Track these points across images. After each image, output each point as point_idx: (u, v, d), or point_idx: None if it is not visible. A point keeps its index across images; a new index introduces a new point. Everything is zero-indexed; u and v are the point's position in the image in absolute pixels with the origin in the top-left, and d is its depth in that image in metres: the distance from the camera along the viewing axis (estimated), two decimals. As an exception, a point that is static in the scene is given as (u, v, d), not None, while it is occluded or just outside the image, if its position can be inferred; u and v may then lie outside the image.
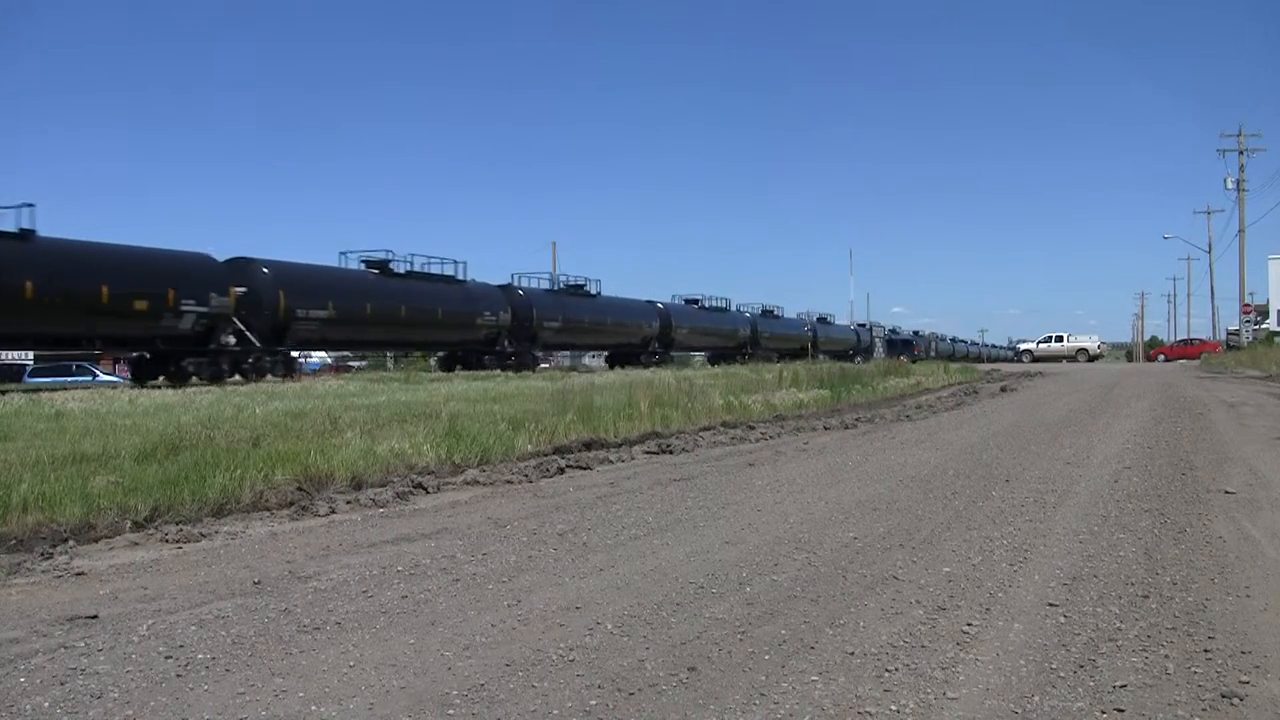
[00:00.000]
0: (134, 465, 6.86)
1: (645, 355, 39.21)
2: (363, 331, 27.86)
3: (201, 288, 21.79)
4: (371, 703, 2.87)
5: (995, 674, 3.05)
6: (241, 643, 3.44)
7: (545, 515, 5.94)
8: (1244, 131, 49.62)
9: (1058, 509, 5.94)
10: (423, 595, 4.06)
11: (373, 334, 28.64)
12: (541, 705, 2.83)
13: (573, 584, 4.22)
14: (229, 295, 22.21)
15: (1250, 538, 5.03)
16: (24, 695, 2.95)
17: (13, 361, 36.26)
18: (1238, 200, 49.26)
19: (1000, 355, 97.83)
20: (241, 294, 22.67)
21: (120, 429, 9.26)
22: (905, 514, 5.80)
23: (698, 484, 7.24)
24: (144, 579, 4.42)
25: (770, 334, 49.93)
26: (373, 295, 27.19)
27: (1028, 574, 4.30)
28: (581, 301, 36.74)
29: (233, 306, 22.35)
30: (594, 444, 9.64)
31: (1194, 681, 2.97)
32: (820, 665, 3.14)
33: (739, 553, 4.78)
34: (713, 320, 45.77)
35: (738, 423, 12.41)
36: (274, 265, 24.32)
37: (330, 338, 27.39)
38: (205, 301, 21.73)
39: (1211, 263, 67.19)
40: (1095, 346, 61.35)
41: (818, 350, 52.93)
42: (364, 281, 27.76)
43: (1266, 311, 56.32)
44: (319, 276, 26.07)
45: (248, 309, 22.96)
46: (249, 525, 5.70)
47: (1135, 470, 7.66)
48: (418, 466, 7.67)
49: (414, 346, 36.61)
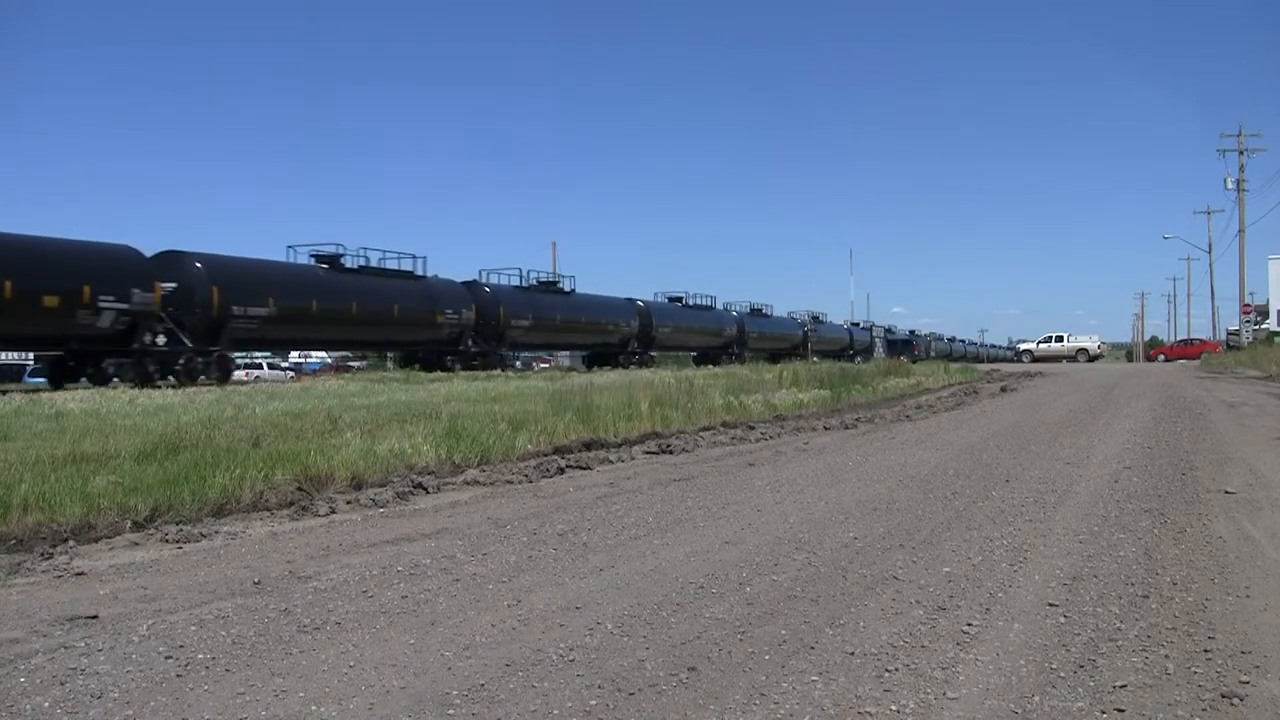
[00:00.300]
0: (134, 465, 6.86)
1: (624, 355, 37.58)
2: (309, 330, 26.23)
3: (123, 283, 20.14)
4: (371, 703, 2.87)
5: (995, 674, 3.05)
6: (241, 643, 3.44)
7: (545, 515, 5.94)
8: (1244, 131, 49.64)
9: (1058, 509, 5.94)
10: (423, 595, 4.06)
11: (320, 333, 27.15)
12: (542, 705, 2.83)
13: (573, 584, 4.22)
14: (154, 291, 20.72)
15: (1250, 538, 5.03)
16: (24, 695, 2.95)
17: (13, 362, 36.26)
18: (1238, 200, 49.27)
19: (1000, 355, 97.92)
20: (171, 290, 21.32)
21: (120, 429, 9.26)
22: (905, 514, 5.80)
23: (698, 484, 7.24)
24: (144, 579, 4.42)
25: (759, 333, 48.75)
26: (320, 292, 25.52)
27: (1028, 574, 4.30)
28: (554, 299, 35.07)
29: (159, 303, 20.93)
30: (594, 444, 9.65)
31: (1194, 681, 2.97)
32: (820, 665, 3.14)
33: (739, 553, 4.78)
34: (697, 319, 44.26)
35: (738, 423, 12.42)
36: (209, 259, 22.93)
37: (271, 337, 25.70)
38: (127, 298, 20.07)
39: (1211, 263, 67.30)
40: (1095, 346, 61.29)
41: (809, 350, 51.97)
42: (311, 277, 25.97)
43: (1266, 311, 56.28)
44: (259, 271, 24.37)
45: (178, 306, 21.56)
46: (249, 525, 5.70)
47: (1135, 470, 7.66)
48: (418, 466, 7.67)
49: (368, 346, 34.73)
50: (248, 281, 23.42)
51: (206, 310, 22.13)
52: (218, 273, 22.72)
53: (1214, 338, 63.02)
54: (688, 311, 44.30)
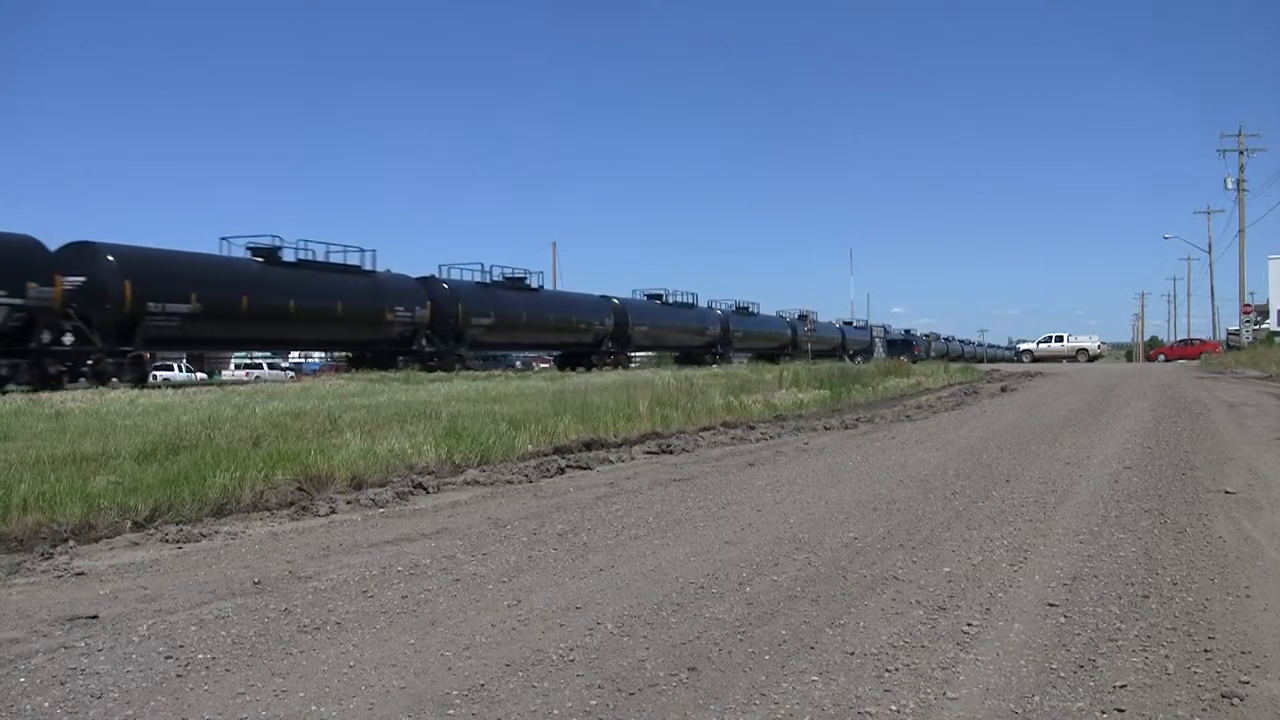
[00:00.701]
0: (134, 465, 6.86)
1: (598, 356, 35.95)
2: (239, 329, 24.39)
3: (17, 276, 18.45)
4: (371, 703, 2.87)
5: (995, 674, 3.05)
6: (241, 643, 3.44)
7: (545, 515, 5.94)
8: (1244, 131, 49.67)
9: (1058, 509, 5.94)
10: (423, 595, 4.06)
11: (252, 331, 25.15)
12: (542, 705, 2.83)
13: (573, 584, 4.22)
14: (55, 285, 19.07)
15: (1250, 538, 5.03)
16: (24, 695, 2.95)
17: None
18: (1238, 200, 49.29)
19: (1000, 355, 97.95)
20: (79, 285, 19.59)
21: (120, 429, 9.26)
22: (905, 514, 5.80)
23: (698, 484, 7.24)
24: (144, 579, 4.42)
25: (745, 332, 47.25)
26: (252, 287, 23.57)
27: (1028, 574, 4.30)
28: (520, 296, 33.14)
29: (59, 299, 19.25)
30: (594, 444, 9.65)
31: (1194, 681, 2.97)
32: (820, 665, 3.14)
33: (739, 553, 4.78)
34: (677, 317, 42.60)
35: (738, 423, 12.42)
36: (122, 251, 21.09)
37: (196, 336, 23.91)
38: (21, 292, 18.40)
39: (1211, 263, 67.35)
40: (1095, 346, 61.30)
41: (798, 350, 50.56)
42: (242, 271, 24.02)
43: (1266, 311, 56.28)
44: (180, 264, 22.41)
45: (86, 302, 19.80)
46: (249, 525, 5.70)
47: (1135, 470, 7.66)
48: (418, 466, 7.67)
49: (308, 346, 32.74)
50: (166, 275, 21.73)
51: (118, 306, 20.42)
52: (131, 266, 20.96)
53: (1214, 338, 63.04)
54: (668, 309, 42.54)
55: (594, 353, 36.30)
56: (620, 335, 38.06)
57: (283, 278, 24.90)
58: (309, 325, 25.90)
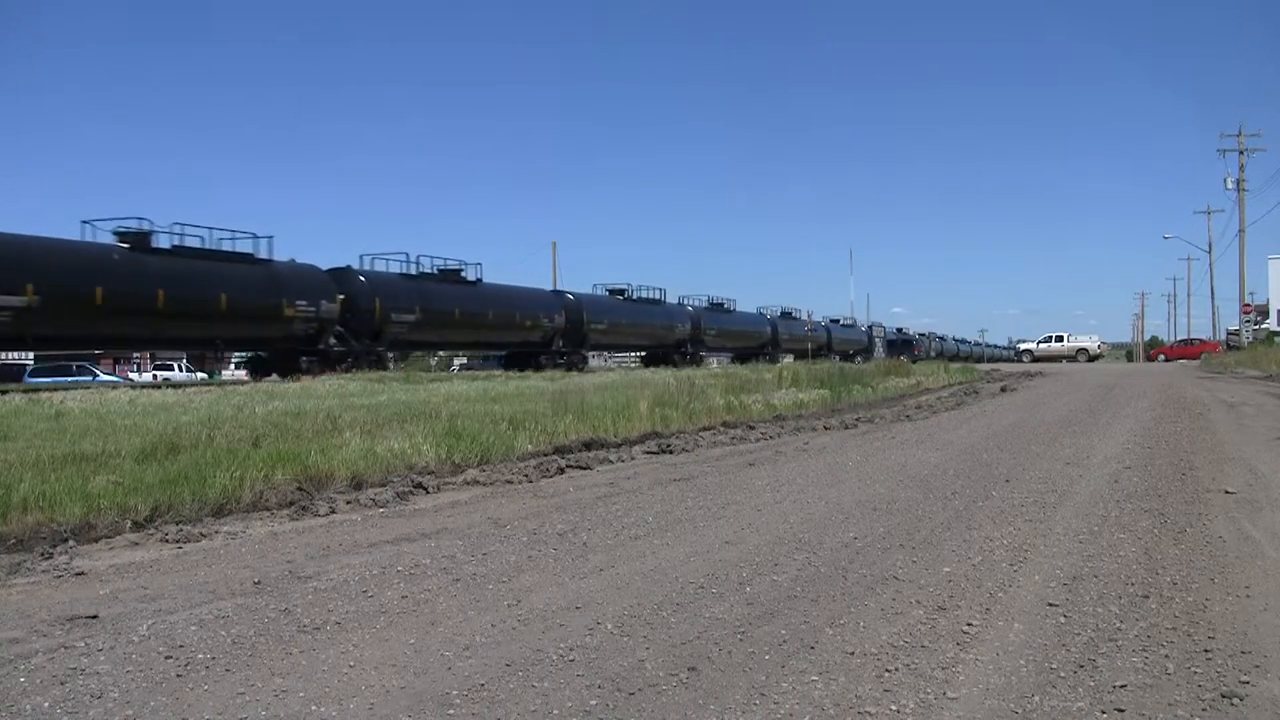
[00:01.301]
0: (134, 465, 6.86)
1: (547, 356, 32.85)
2: (93, 326, 20.66)
3: None
4: (371, 703, 2.87)
5: (995, 674, 3.05)
6: (241, 643, 3.44)
7: (545, 515, 5.94)
8: (1244, 131, 49.64)
9: (1058, 509, 5.94)
10: (423, 595, 4.06)
11: (110, 328, 21.29)
12: (542, 705, 2.83)
13: (573, 584, 4.22)
14: None
15: (1250, 538, 5.03)
16: (24, 695, 2.95)
17: (13, 361, 36.26)
18: (1238, 200, 49.29)
19: (1000, 355, 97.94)
20: None
21: (120, 429, 9.26)
22: (905, 514, 5.80)
23: (698, 484, 7.24)
24: (144, 579, 4.42)
25: (718, 330, 43.92)
26: (111, 277, 20.25)
27: (1028, 574, 4.30)
28: (453, 289, 29.57)
29: None
30: (594, 444, 9.64)
31: (1194, 681, 2.97)
32: (820, 665, 3.14)
33: (739, 553, 4.78)
34: (641, 314, 38.90)
35: (738, 423, 12.41)
36: None
37: (34, 334, 19.87)
38: None
39: (1211, 263, 67.45)
40: (1095, 346, 61.31)
41: (779, 349, 47.67)
42: (98, 259, 20.56)
43: (1266, 311, 56.33)
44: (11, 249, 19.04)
45: None
46: (249, 525, 5.70)
47: (1135, 470, 7.66)
48: (418, 466, 7.66)
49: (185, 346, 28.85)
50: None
51: None
52: None
53: (1214, 337, 63.04)
54: (630, 306, 38.66)
55: (543, 353, 33.12)
56: (574, 334, 34.76)
57: (151, 266, 21.30)
58: (184, 322, 22.30)
